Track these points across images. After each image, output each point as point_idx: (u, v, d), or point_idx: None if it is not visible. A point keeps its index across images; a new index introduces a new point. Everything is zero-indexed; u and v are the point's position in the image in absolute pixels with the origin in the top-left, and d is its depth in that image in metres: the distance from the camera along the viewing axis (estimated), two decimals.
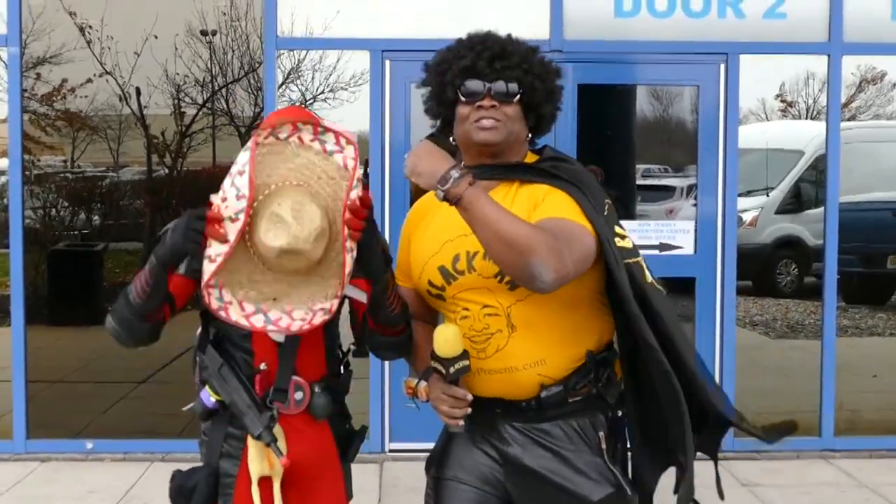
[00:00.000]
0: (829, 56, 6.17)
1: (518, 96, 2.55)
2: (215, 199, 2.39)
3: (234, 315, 2.44)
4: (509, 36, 2.63)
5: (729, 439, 6.15)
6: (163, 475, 5.31)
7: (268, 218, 2.37)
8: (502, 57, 2.54)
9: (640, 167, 7.77)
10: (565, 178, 2.55)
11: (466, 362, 2.49)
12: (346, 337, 2.89)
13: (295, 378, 2.72)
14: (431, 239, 2.64)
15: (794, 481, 5.76)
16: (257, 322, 2.45)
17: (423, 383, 2.60)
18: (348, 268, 2.44)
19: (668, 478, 2.69)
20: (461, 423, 2.54)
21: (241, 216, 2.35)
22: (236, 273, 2.43)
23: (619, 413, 2.65)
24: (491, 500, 2.64)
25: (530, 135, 2.67)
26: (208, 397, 2.69)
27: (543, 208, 2.47)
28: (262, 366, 2.69)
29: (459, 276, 2.56)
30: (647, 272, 2.56)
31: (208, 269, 2.39)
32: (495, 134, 2.55)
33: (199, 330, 2.81)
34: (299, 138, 2.43)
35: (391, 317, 2.64)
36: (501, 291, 2.51)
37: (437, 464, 2.73)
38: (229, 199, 2.36)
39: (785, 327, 9.03)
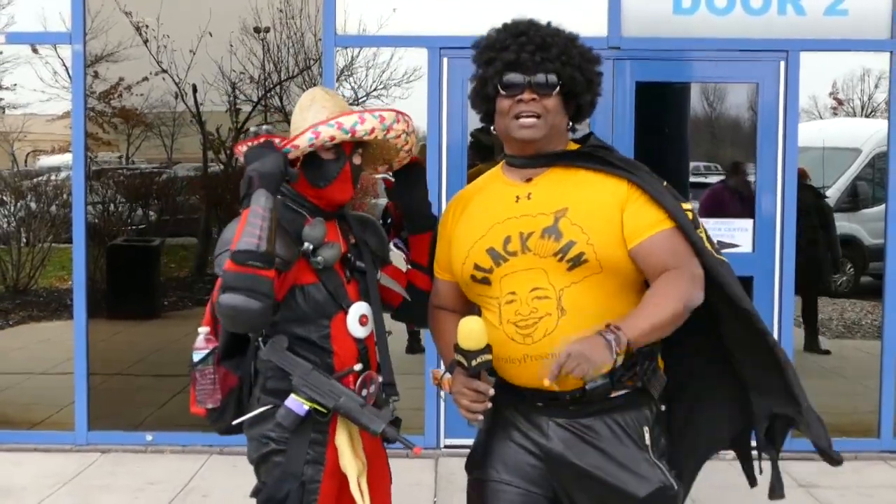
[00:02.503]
0: (891, 53, 6.07)
1: (557, 88, 2.57)
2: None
3: (347, 120, 2.66)
4: (549, 24, 2.65)
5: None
6: (221, 468, 5.38)
7: (301, 105, 2.82)
8: (543, 48, 2.56)
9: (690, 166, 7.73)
10: (621, 166, 2.58)
11: (489, 356, 2.49)
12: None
13: (370, 371, 2.75)
14: (477, 223, 2.65)
15: (853, 483, 5.69)
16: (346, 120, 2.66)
17: (448, 375, 2.61)
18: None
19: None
20: (480, 417, 2.54)
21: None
22: None
23: (663, 407, 2.65)
24: (536, 499, 2.61)
25: (571, 123, 2.69)
26: (300, 406, 2.63)
27: (640, 220, 2.52)
28: (358, 366, 2.70)
29: (511, 258, 2.57)
30: (709, 242, 2.62)
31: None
32: (536, 131, 2.58)
33: (259, 343, 2.76)
34: None
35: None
36: (558, 272, 2.51)
37: (479, 464, 2.71)
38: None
39: (841, 327, 8.92)
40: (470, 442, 5.99)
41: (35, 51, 7.88)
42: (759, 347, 2.59)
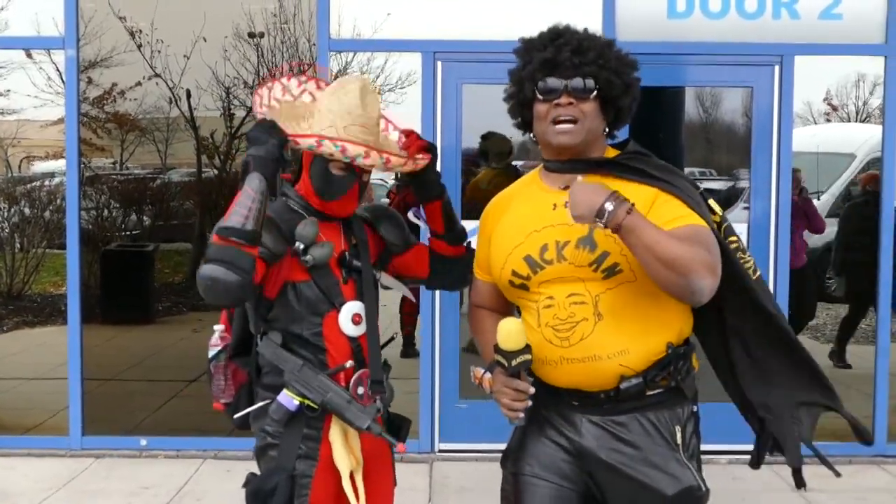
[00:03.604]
0: (885, 58, 6.08)
1: (595, 92, 2.58)
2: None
3: (352, 150, 2.68)
4: (585, 30, 2.65)
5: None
6: (215, 472, 5.37)
7: (337, 89, 2.76)
8: (578, 52, 2.56)
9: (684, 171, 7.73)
10: (657, 176, 2.57)
11: (528, 356, 2.52)
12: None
13: (365, 370, 2.76)
14: (515, 230, 2.67)
15: (847, 487, 5.69)
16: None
17: (488, 375, 2.64)
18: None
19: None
20: (521, 415, 2.57)
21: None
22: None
23: (695, 408, 2.67)
24: (570, 494, 2.65)
25: (608, 129, 2.70)
26: (290, 401, 2.68)
27: (665, 214, 2.49)
28: (349, 363, 2.73)
29: (547, 266, 2.59)
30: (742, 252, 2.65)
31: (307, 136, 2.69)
32: (572, 137, 2.59)
33: (257, 338, 2.81)
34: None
35: (460, 229, 3.00)
36: (594, 280, 2.54)
37: (513, 459, 2.74)
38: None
39: (835, 332, 8.94)
40: (464, 446, 6.05)
41: (29, 56, 7.88)
42: (785, 346, 2.67)
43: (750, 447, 2.84)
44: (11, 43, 6.61)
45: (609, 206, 2.37)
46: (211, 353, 2.90)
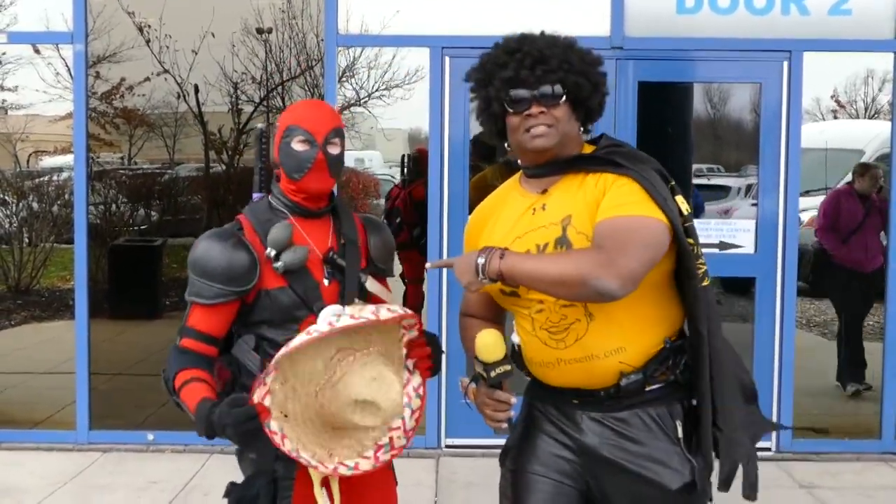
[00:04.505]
0: (894, 54, 6.06)
1: (564, 97, 2.57)
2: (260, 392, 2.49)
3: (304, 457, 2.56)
4: (543, 34, 2.64)
5: (787, 440, 6.11)
6: (222, 467, 5.37)
7: (354, 407, 2.56)
8: (542, 61, 2.55)
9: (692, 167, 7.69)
10: (624, 164, 2.55)
11: (507, 367, 2.54)
12: None
13: None
14: (500, 237, 2.66)
15: (854, 484, 5.69)
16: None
17: (473, 385, 2.65)
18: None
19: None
20: (504, 426, 2.58)
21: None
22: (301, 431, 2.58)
23: (695, 402, 2.65)
24: (569, 491, 2.65)
25: (582, 127, 2.68)
26: None
27: (606, 203, 2.48)
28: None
29: None
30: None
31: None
32: (548, 140, 2.58)
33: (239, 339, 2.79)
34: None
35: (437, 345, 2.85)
36: None
37: (512, 456, 2.75)
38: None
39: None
40: (471, 441, 6.03)
41: (37, 51, 7.91)
42: (698, 364, 2.59)
43: (759, 444, 2.83)
44: (20, 38, 6.61)
45: (481, 260, 2.43)
46: None
